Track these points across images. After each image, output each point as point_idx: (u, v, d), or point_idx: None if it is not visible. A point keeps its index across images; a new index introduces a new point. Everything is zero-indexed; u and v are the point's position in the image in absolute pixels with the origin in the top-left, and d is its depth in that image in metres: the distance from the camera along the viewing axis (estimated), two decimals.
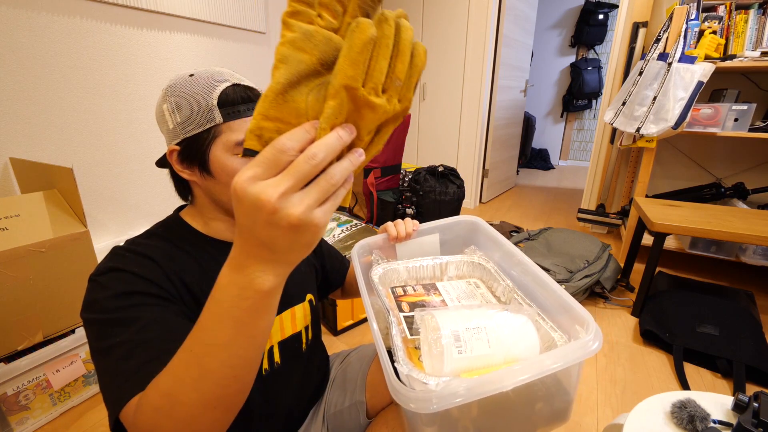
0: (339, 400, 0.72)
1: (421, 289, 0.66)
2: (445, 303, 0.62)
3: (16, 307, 0.99)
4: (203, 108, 0.52)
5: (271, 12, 2.15)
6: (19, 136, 1.27)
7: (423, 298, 0.63)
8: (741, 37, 1.80)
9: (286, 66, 0.28)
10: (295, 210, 0.27)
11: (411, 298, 0.63)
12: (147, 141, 1.64)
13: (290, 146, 0.27)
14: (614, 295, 1.72)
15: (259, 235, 0.29)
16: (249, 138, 0.29)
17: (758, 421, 0.61)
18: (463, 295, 0.64)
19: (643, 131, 1.83)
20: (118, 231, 1.60)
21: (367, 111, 0.28)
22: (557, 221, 2.81)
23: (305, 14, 0.28)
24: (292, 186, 0.27)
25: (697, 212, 1.58)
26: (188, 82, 0.54)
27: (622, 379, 1.26)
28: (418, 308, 0.60)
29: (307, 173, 0.27)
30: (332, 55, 0.29)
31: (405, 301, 0.62)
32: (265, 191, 0.27)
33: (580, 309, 0.48)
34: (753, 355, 1.23)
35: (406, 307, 0.60)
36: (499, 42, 2.86)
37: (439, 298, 0.63)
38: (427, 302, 0.62)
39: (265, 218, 0.27)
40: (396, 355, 0.47)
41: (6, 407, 1.00)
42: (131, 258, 0.51)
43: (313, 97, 0.29)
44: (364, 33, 0.25)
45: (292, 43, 0.28)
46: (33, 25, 1.26)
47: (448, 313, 0.50)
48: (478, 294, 0.65)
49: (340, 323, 1.49)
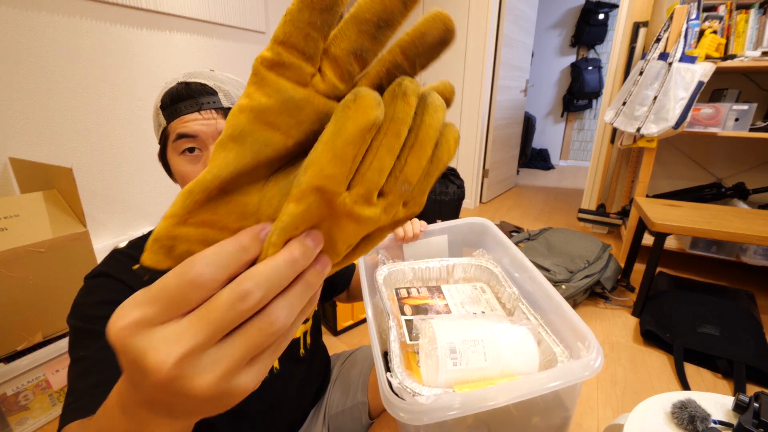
0: (340, 401, 0.72)
1: (425, 291, 0.66)
2: (448, 308, 0.62)
3: (16, 307, 0.99)
4: (155, 113, 0.54)
5: (271, 12, 2.15)
6: (19, 136, 1.27)
7: (426, 302, 0.63)
8: (741, 37, 1.80)
9: (240, 149, 0.17)
10: (204, 380, 0.17)
11: (414, 301, 0.63)
12: (147, 141, 1.64)
13: (208, 276, 0.16)
14: (614, 295, 1.71)
15: (148, 396, 0.18)
16: (152, 250, 0.18)
17: (759, 421, 0.60)
18: (468, 300, 0.64)
19: (643, 131, 1.83)
20: (118, 231, 1.60)
21: (348, 222, 0.18)
22: (557, 221, 2.81)
23: (295, 69, 0.17)
24: (200, 343, 0.16)
25: (697, 212, 1.58)
26: (159, 89, 0.56)
27: (623, 379, 1.26)
28: (419, 314, 0.60)
29: (228, 322, 0.17)
30: None
31: (408, 304, 0.62)
32: (156, 350, 0.16)
33: (583, 326, 0.48)
34: (753, 356, 1.23)
35: (408, 310, 0.60)
36: (499, 42, 2.86)
37: (443, 302, 0.63)
38: (430, 306, 0.62)
39: (156, 385, 0.17)
40: (392, 362, 0.47)
41: (6, 407, 1.00)
42: (126, 264, 0.50)
43: (275, 189, 0.19)
44: (362, 114, 0.16)
45: (259, 113, 0.17)
46: (33, 25, 1.26)
47: (447, 323, 0.51)
48: (483, 300, 0.65)
49: (340, 323, 1.49)
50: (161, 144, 0.55)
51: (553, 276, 1.60)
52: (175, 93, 0.52)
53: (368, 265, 0.70)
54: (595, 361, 0.42)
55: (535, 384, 0.40)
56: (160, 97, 0.53)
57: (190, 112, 0.51)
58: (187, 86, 0.52)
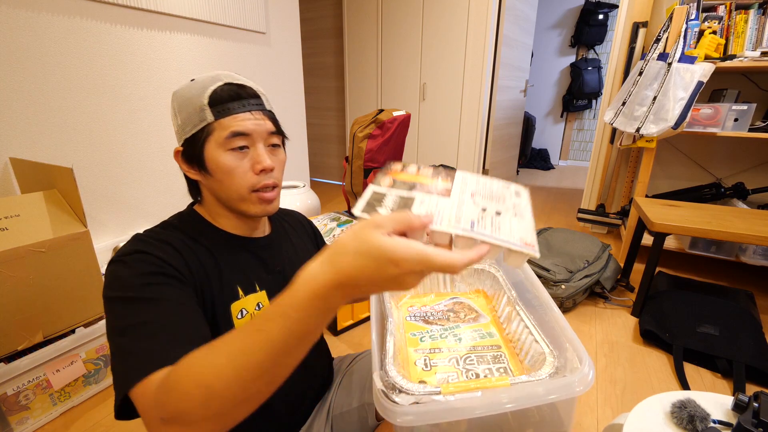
0: (346, 402, 0.72)
1: (429, 171, 0.45)
2: (448, 192, 0.41)
3: (17, 307, 0.99)
4: (197, 108, 0.55)
5: (271, 12, 2.15)
6: (19, 136, 1.27)
7: (420, 180, 0.43)
8: (741, 37, 1.80)
9: None
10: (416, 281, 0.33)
11: (406, 177, 0.43)
12: (147, 141, 1.64)
13: None
14: (614, 295, 1.72)
15: (386, 284, 0.32)
16: None
17: (758, 421, 0.61)
18: (486, 194, 0.43)
19: (643, 131, 1.83)
20: (118, 231, 1.60)
21: None
22: (557, 221, 2.81)
23: None
24: None
25: (697, 212, 1.58)
26: (188, 86, 0.57)
27: (622, 379, 1.26)
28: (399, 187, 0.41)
29: None
30: None
31: (395, 177, 0.43)
32: None
33: (575, 338, 0.49)
34: (753, 355, 1.23)
35: (386, 182, 0.42)
36: (499, 42, 2.86)
37: (446, 185, 0.42)
38: (423, 186, 0.42)
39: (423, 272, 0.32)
40: (385, 359, 0.47)
41: (6, 407, 1.00)
42: (154, 244, 0.52)
43: None
44: None
45: None
46: (33, 25, 1.26)
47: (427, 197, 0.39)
48: (511, 203, 0.43)
49: (340, 323, 1.49)
50: (198, 139, 0.55)
51: (553, 276, 1.60)
52: (227, 93, 0.55)
53: None
54: (588, 375, 0.43)
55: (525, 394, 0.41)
56: (206, 95, 0.54)
57: (243, 112, 0.55)
58: (241, 88, 0.56)
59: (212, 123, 0.54)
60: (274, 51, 2.21)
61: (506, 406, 0.40)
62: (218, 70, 0.62)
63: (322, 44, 3.62)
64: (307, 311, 0.32)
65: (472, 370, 0.53)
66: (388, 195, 0.39)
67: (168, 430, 0.35)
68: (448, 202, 0.39)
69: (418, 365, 0.54)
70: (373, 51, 3.27)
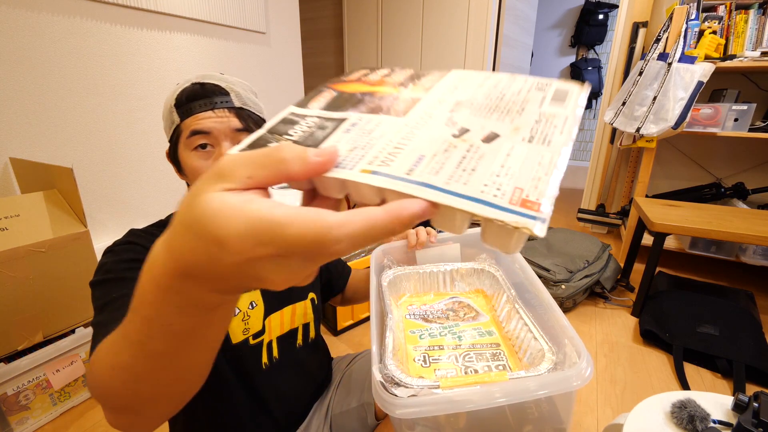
0: (345, 401, 0.72)
1: (402, 75, 0.31)
2: (413, 103, 0.26)
3: (16, 307, 0.99)
4: (168, 111, 0.56)
5: (271, 12, 2.15)
6: (19, 136, 1.27)
7: (377, 89, 0.29)
8: (741, 37, 1.80)
9: None
10: None
11: (358, 87, 0.30)
12: (147, 141, 1.64)
13: None
14: (614, 295, 1.71)
15: (223, 272, 0.19)
16: None
17: (758, 421, 0.61)
18: (484, 106, 0.25)
19: (643, 131, 1.83)
20: (118, 231, 1.60)
21: None
22: (557, 221, 2.81)
23: None
24: None
25: (697, 212, 1.58)
26: (172, 90, 0.58)
27: (622, 379, 1.26)
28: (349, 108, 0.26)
29: None
30: None
31: (342, 89, 0.30)
32: None
33: (575, 336, 0.49)
34: (753, 355, 1.23)
35: (324, 98, 0.29)
36: (499, 42, 2.86)
37: (416, 94, 0.27)
38: (377, 97, 0.27)
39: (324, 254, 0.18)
40: (384, 353, 0.48)
41: (6, 407, 1.00)
42: (145, 237, 0.54)
43: None
44: None
45: None
46: (33, 25, 1.26)
47: None
48: (531, 117, 0.23)
49: (340, 323, 1.49)
50: (173, 141, 0.57)
51: (553, 276, 1.60)
52: (190, 92, 0.55)
53: (376, 268, 0.72)
54: (585, 370, 0.42)
55: (521, 388, 0.41)
56: (174, 96, 0.56)
57: (205, 110, 0.54)
58: (202, 86, 0.55)
59: (180, 124, 0.55)
60: (274, 51, 2.21)
61: (503, 399, 0.40)
62: (212, 71, 0.63)
63: (322, 44, 3.63)
64: (157, 307, 0.22)
65: (471, 366, 0.54)
66: (304, 119, 0.25)
67: (108, 416, 0.31)
68: (397, 124, 0.24)
69: (417, 362, 0.55)
70: (373, 51, 3.27)
